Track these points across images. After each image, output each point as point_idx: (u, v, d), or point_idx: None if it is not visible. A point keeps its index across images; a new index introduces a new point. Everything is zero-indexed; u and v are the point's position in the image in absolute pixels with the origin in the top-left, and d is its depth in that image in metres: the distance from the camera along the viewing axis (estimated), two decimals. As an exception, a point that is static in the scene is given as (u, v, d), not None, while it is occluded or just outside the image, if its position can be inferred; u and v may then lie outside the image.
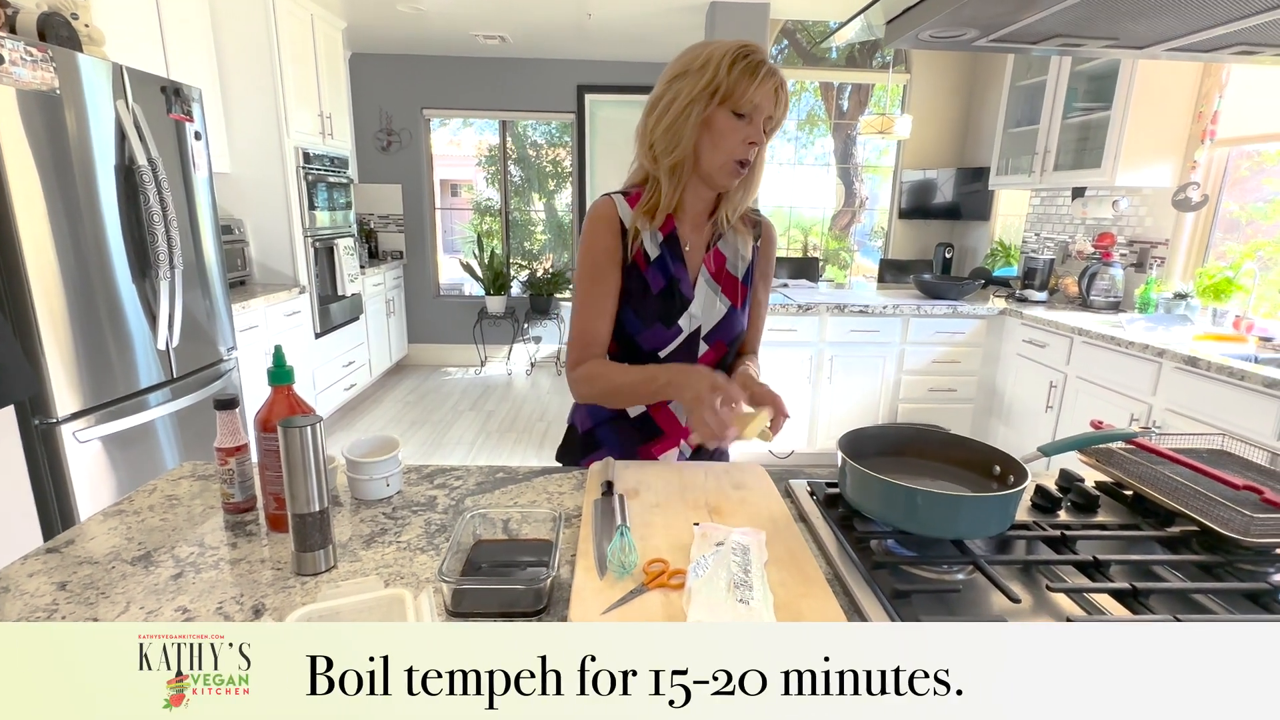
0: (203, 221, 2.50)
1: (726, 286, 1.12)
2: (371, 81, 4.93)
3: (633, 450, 1.15)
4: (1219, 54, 0.76)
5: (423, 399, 4.56)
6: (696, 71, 0.98)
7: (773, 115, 1.00)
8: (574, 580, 0.73)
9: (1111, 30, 0.69)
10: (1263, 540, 0.77)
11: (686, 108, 0.98)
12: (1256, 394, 1.96)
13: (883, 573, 0.75)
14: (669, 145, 1.01)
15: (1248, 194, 2.88)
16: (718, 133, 0.99)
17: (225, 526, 0.87)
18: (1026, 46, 0.77)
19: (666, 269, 1.08)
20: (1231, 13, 0.61)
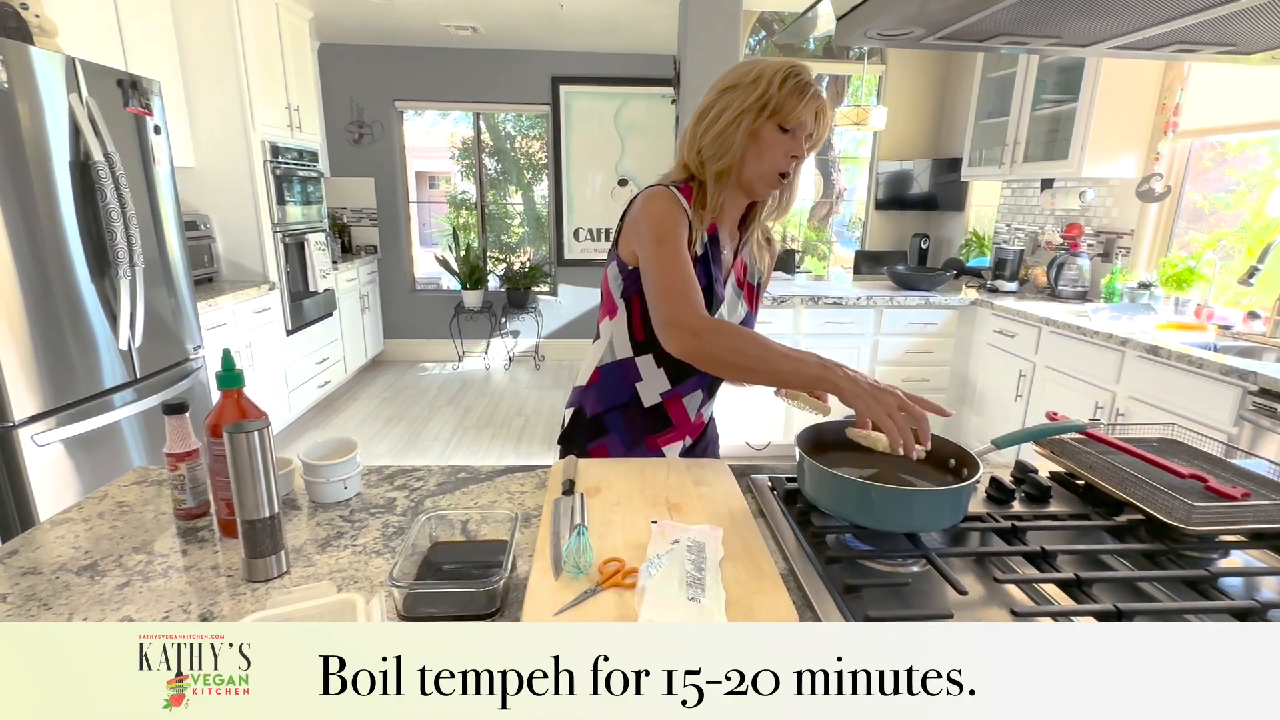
0: (165, 217, 2.44)
1: (746, 293, 1.19)
2: (341, 73, 4.84)
3: (639, 440, 1.17)
4: (1160, 52, 0.78)
5: (399, 395, 4.52)
6: (748, 85, 1.03)
7: (813, 134, 1.05)
8: (529, 581, 0.73)
9: (1055, 29, 0.70)
10: (1204, 528, 0.79)
11: (737, 118, 1.04)
12: (1214, 381, 2.01)
13: (836, 567, 0.76)
14: (718, 152, 1.06)
15: (1210, 184, 2.94)
16: (764, 144, 1.04)
17: (177, 533, 0.85)
18: (973, 44, 0.77)
19: (708, 268, 1.12)
20: (1167, 12, 0.62)
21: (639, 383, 1.15)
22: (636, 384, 1.15)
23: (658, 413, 1.16)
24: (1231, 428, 1.96)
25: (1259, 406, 1.87)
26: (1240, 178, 2.82)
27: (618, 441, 1.18)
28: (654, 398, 1.15)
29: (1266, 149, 2.69)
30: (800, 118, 1.02)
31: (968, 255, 4.07)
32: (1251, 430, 1.91)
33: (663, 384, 1.14)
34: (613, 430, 1.18)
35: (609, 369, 1.17)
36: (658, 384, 1.14)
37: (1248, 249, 2.64)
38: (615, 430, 1.17)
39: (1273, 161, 2.69)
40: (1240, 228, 2.77)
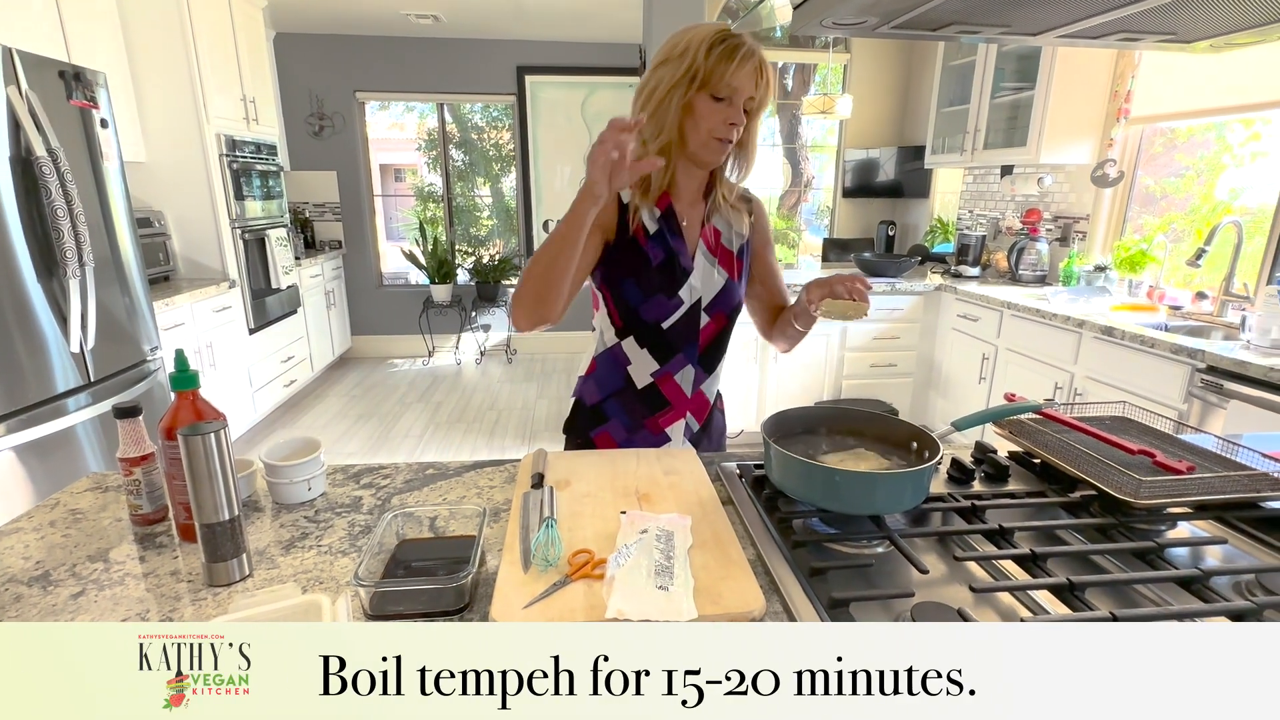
0: (116, 214, 2.36)
1: (723, 260, 1.16)
2: (299, 63, 4.72)
3: (640, 422, 1.19)
4: (1106, 40, 0.80)
5: (368, 392, 4.45)
6: (677, 59, 1.02)
7: (755, 95, 1.03)
8: (498, 575, 0.72)
9: (1003, 18, 0.71)
10: (1152, 501, 0.82)
11: (668, 93, 1.03)
12: (1165, 360, 2.08)
13: (802, 551, 0.78)
14: (655, 130, 1.06)
15: (1161, 169, 3.03)
16: (699, 116, 1.03)
17: (134, 540, 0.83)
18: (927, 34, 0.79)
19: (665, 242, 1.12)
20: (1107, 2, 0.63)
21: (629, 366, 1.17)
22: (628, 367, 1.18)
23: (652, 393, 1.18)
24: (1182, 404, 2.03)
25: (1206, 383, 1.95)
26: (1189, 163, 2.92)
27: (619, 426, 1.20)
28: (646, 378, 1.17)
29: (1213, 135, 2.78)
30: (732, 84, 1.00)
31: (933, 241, 4.14)
32: (1200, 406, 1.98)
33: (650, 364, 1.16)
34: (613, 416, 1.20)
35: (603, 357, 1.21)
36: (646, 364, 1.16)
37: (1197, 231, 2.74)
38: (615, 416, 1.20)
39: (1219, 147, 2.79)
40: (1190, 211, 2.86)
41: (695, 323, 1.15)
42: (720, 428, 1.30)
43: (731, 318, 1.19)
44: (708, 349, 1.18)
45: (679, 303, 1.13)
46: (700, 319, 1.15)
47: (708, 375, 1.20)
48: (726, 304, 1.16)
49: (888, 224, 4.49)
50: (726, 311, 1.17)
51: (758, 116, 1.07)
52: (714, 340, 1.18)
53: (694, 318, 1.15)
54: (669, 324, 1.14)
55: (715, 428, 1.27)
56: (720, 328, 1.18)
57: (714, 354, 1.19)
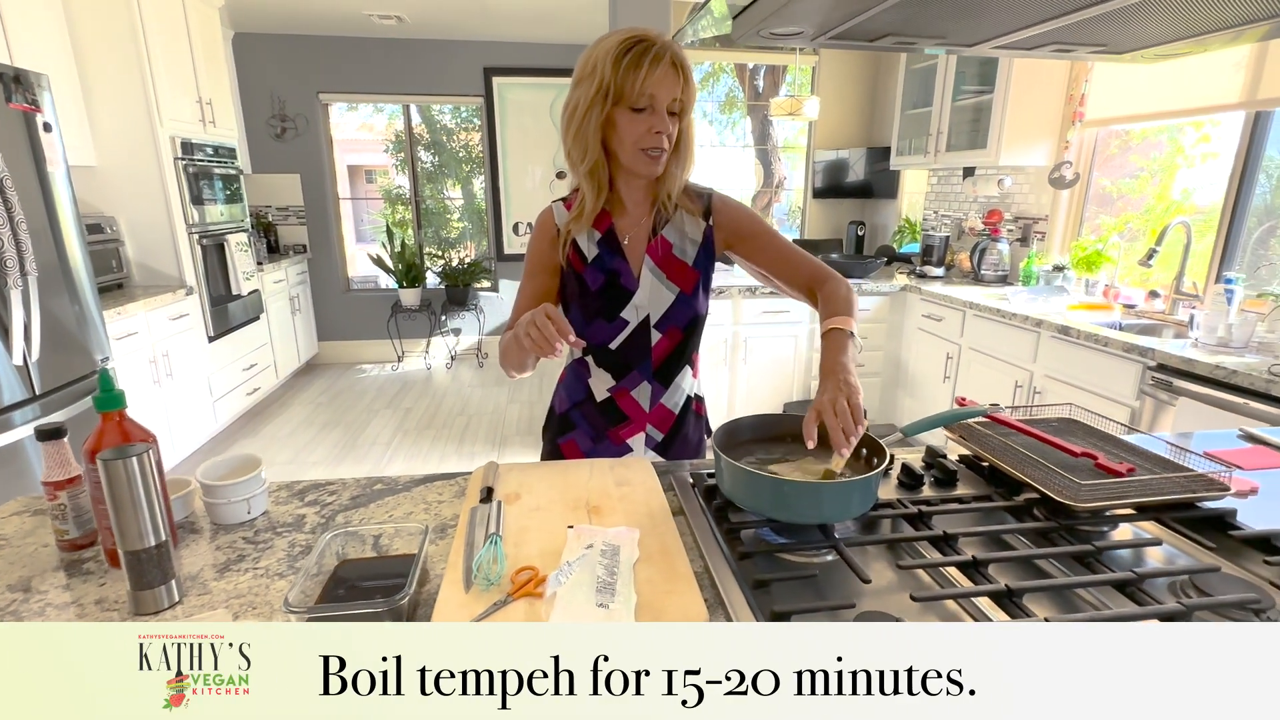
0: (63, 221, 2.28)
1: (673, 273, 1.12)
2: (259, 64, 4.62)
3: (603, 433, 1.19)
4: (1040, 51, 0.81)
5: (335, 399, 4.37)
6: (589, 77, 1.00)
7: (678, 96, 0.99)
8: (438, 595, 0.71)
9: (938, 30, 0.72)
10: (1093, 504, 0.83)
11: (585, 115, 1.00)
12: (1118, 358, 2.13)
13: (749, 562, 0.77)
14: (580, 153, 1.04)
15: (1117, 171, 3.11)
16: (622, 131, 1.01)
17: (60, 566, 0.80)
18: (864, 44, 0.79)
19: (605, 265, 1.10)
20: (1029, 17, 0.64)
21: (590, 379, 1.18)
22: (589, 380, 1.18)
23: (610, 406, 1.18)
24: (1134, 401, 2.08)
25: (1157, 381, 2.00)
26: (1143, 164, 3.00)
27: (584, 435, 1.20)
28: (604, 393, 1.17)
29: (1166, 137, 2.86)
30: (648, 92, 0.96)
31: (900, 242, 4.19)
32: (1153, 403, 2.04)
33: (607, 379, 1.17)
34: (579, 425, 1.20)
35: (571, 367, 1.22)
36: (603, 380, 1.17)
37: (1150, 231, 2.81)
38: (580, 425, 1.20)
39: (1172, 148, 2.87)
40: (1145, 211, 2.94)
41: (645, 341, 1.13)
42: (697, 435, 1.27)
43: (689, 331, 1.16)
44: (663, 365, 1.16)
45: (622, 324, 1.11)
46: (650, 337, 1.13)
47: (666, 389, 1.18)
48: (680, 319, 1.13)
49: (857, 224, 4.53)
50: (681, 326, 1.14)
51: (687, 114, 1.03)
52: (669, 356, 1.15)
53: (643, 336, 1.13)
54: (616, 345, 1.13)
55: (690, 435, 1.24)
56: (676, 343, 1.15)
57: (671, 368, 1.17)
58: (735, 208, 1.17)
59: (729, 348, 3.29)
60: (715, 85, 6.22)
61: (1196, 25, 0.70)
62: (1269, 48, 2.19)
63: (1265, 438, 1.18)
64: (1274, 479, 1.02)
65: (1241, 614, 0.68)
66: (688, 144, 1.06)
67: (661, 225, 1.12)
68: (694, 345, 1.19)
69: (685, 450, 1.24)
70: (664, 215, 1.13)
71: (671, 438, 1.21)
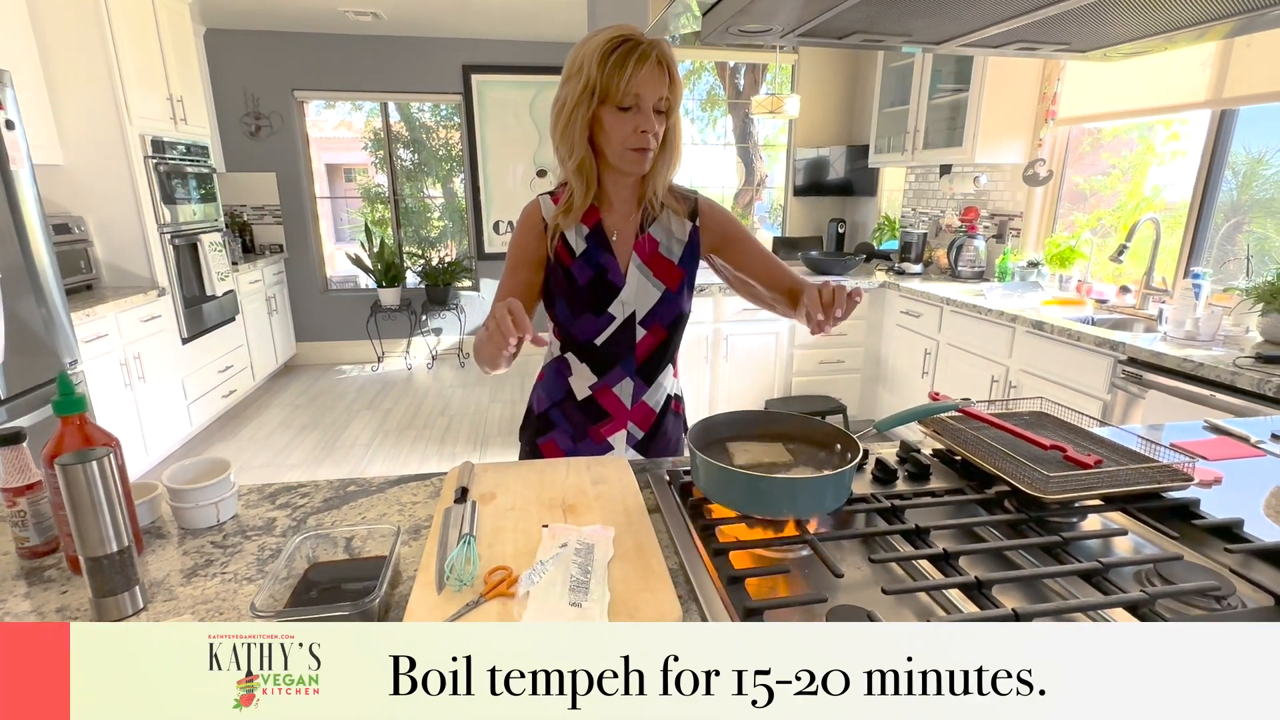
0: (28, 221, 2.23)
1: (660, 271, 1.12)
2: (232, 61, 4.54)
3: (583, 431, 1.18)
4: (1005, 49, 0.82)
5: (314, 401, 4.32)
6: (575, 75, 0.99)
7: (665, 95, 0.99)
8: (410, 597, 0.70)
9: (903, 28, 0.73)
10: (1061, 496, 0.85)
11: (572, 112, 1.00)
12: (1090, 352, 2.17)
13: (722, 558, 0.77)
14: (567, 150, 1.05)
15: (1089, 168, 3.16)
16: (608, 129, 1.01)
17: (20, 574, 0.78)
18: (833, 41, 0.80)
19: (593, 260, 1.10)
20: (991, 16, 0.65)
21: (570, 377, 1.17)
22: (569, 378, 1.17)
23: (592, 404, 1.17)
24: (1106, 394, 2.12)
25: (1127, 374, 2.04)
26: (1115, 161, 3.05)
27: (564, 435, 1.19)
28: (585, 390, 1.17)
29: (1137, 135, 2.91)
30: (634, 91, 0.97)
31: (880, 239, 4.23)
32: (1124, 396, 2.07)
33: (589, 376, 1.16)
34: (559, 425, 1.20)
35: (549, 366, 1.21)
36: (585, 377, 1.16)
37: (1122, 227, 2.86)
38: (560, 424, 1.19)
39: (1143, 146, 2.92)
40: (1117, 208, 2.99)
41: (630, 337, 1.13)
42: (676, 434, 1.27)
43: (673, 329, 1.16)
44: (646, 362, 1.16)
45: (609, 319, 1.12)
46: (635, 333, 1.13)
47: (648, 386, 1.18)
48: (665, 316, 1.14)
49: (838, 221, 4.57)
50: (665, 324, 1.14)
51: (674, 113, 1.03)
52: (653, 353, 1.16)
53: (628, 332, 1.13)
54: (602, 340, 1.13)
55: (669, 434, 1.25)
56: (659, 340, 1.15)
57: (654, 366, 1.17)
58: (722, 212, 1.19)
59: (710, 345, 3.30)
60: (696, 83, 6.23)
61: (1159, 24, 0.71)
62: (1234, 47, 2.24)
63: (1229, 429, 1.21)
64: (1237, 469, 1.05)
65: (1203, 601, 0.70)
66: (674, 142, 1.06)
67: (649, 223, 1.13)
68: (676, 343, 1.20)
69: (665, 448, 1.24)
70: (651, 213, 1.13)
71: (652, 436, 1.21)
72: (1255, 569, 0.76)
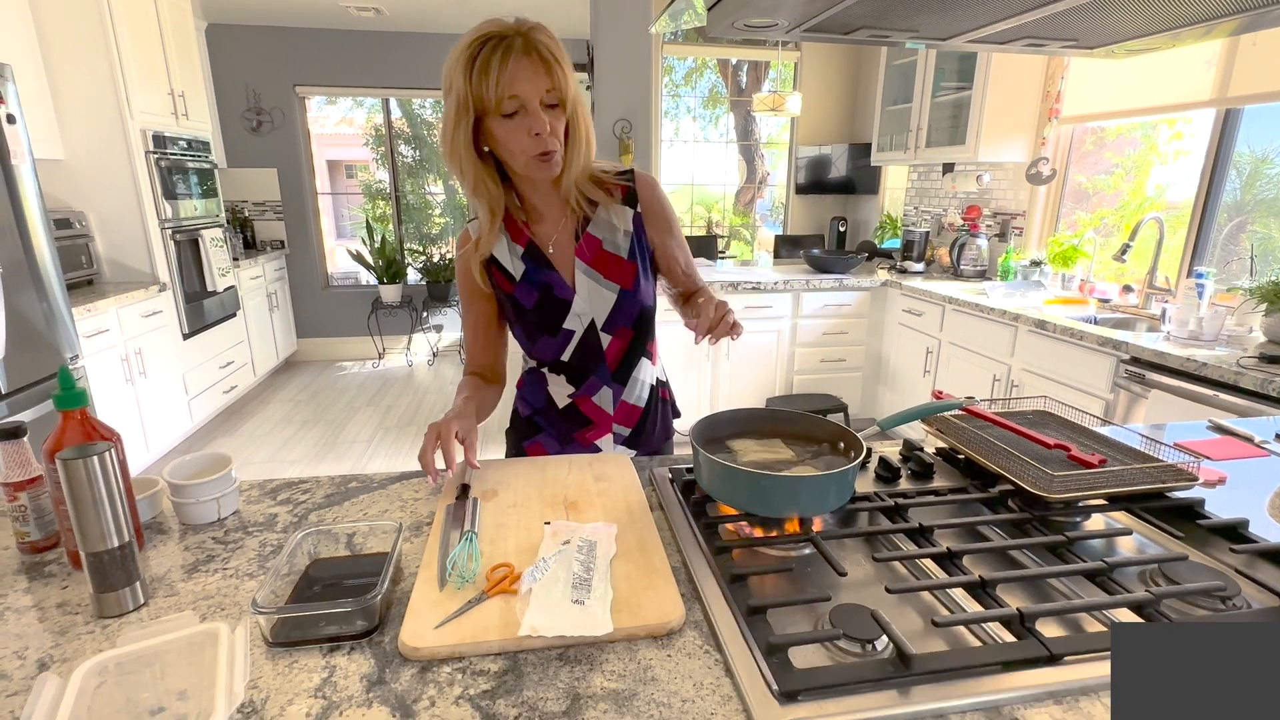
0: (30, 215, 2.22)
1: (609, 270, 1.06)
2: (234, 56, 4.53)
3: (569, 435, 1.16)
4: (1012, 45, 0.82)
5: (315, 397, 4.32)
6: (448, 91, 0.91)
7: (551, 86, 0.88)
8: (412, 594, 0.70)
9: (910, 23, 0.72)
10: (1065, 495, 0.84)
11: (454, 132, 0.92)
12: (1093, 352, 2.17)
13: (725, 557, 0.77)
14: (458, 172, 0.96)
15: (1092, 167, 3.15)
16: (500, 141, 0.92)
17: (21, 569, 0.77)
18: (839, 37, 0.79)
19: (535, 280, 1.05)
20: (1002, 11, 0.65)
21: (549, 386, 1.15)
22: (548, 388, 1.15)
23: (574, 412, 1.15)
24: (1108, 394, 2.12)
25: (1130, 374, 2.03)
26: (1118, 160, 3.04)
27: (551, 438, 1.17)
28: (565, 399, 1.14)
29: (1140, 133, 2.90)
30: (510, 94, 0.86)
31: (882, 237, 4.22)
32: (1126, 396, 2.07)
33: (566, 387, 1.14)
34: (545, 429, 1.18)
35: (527, 375, 1.19)
36: (562, 388, 1.14)
37: (1125, 226, 2.85)
38: (546, 429, 1.18)
39: (1147, 145, 2.91)
40: (1120, 207, 2.99)
41: (596, 347, 1.09)
42: (665, 422, 1.23)
43: (639, 328, 1.11)
44: (620, 367, 1.12)
45: (568, 335, 1.07)
46: (600, 341, 1.09)
47: (625, 388, 1.14)
48: (627, 316, 1.08)
49: (839, 220, 4.56)
50: (630, 324, 1.09)
51: (571, 103, 0.92)
52: (625, 356, 1.12)
53: (592, 342, 1.09)
54: (567, 356, 1.09)
55: (658, 424, 1.21)
56: (627, 342, 1.11)
57: (628, 368, 1.13)
58: (661, 197, 1.10)
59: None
60: (699, 81, 6.22)
61: (1166, 20, 0.71)
62: (1239, 46, 2.23)
63: (1233, 429, 1.20)
64: (1241, 469, 1.05)
65: (1208, 601, 0.70)
66: (579, 133, 0.95)
67: (586, 223, 1.05)
68: (648, 337, 1.15)
69: (654, 440, 1.21)
70: (584, 212, 1.05)
71: (639, 431, 1.18)
72: (1260, 569, 0.76)
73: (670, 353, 3.17)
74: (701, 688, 0.58)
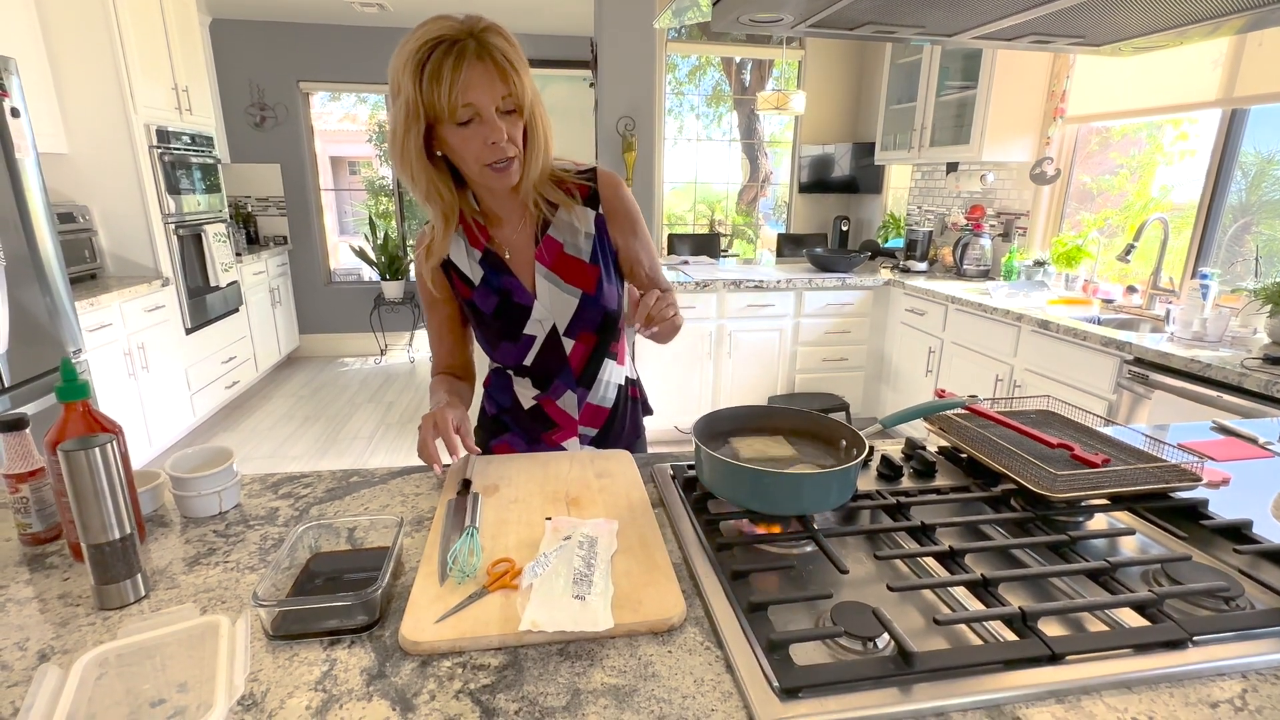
0: (33, 209, 2.23)
1: (570, 274, 1.02)
2: (238, 51, 4.53)
3: (536, 436, 1.15)
4: (1019, 42, 0.81)
5: (317, 393, 4.32)
6: (395, 98, 0.86)
7: (509, 93, 0.84)
8: (413, 588, 0.70)
9: (917, 19, 0.72)
10: (1068, 494, 0.84)
11: (404, 139, 0.87)
12: (1096, 352, 2.16)
13: (727, 553, 0.77)
14: (408, 179, 0.92)
15: (1097, 167, 3.14)
16: (455, 149, 0.88)
17: (22, 561, 0.78)
18: (845, 32, 0.79)
19: (493, 285, 1.03)
20: (1017, 3, 0.64)
21: (515, 387, 1.14)
22: (513, 388, 1.14)
23: (539, 414, 1.14)
24: (1111, 394, 2.11)
25: (1134, 374, 2.03)
26: (1123, 161, 3.03)
27: (517, 438, 1.17)
28: (530, 400, 1.13)
29: (1145, 133, 2.89)
30: (464, 101, 0.81)
31: (885, 236, 4.21)
32: (1130, 396, 2.06)
33: (530, 389, 1.13)
34: (512, 429, 1.17)
35: (493, 374, 1.18)
36: (527, 389, 1.13)
37: (1129, 227, 2.84)
38: (513, 429, 1.17)
39: (1151, 146, 2.90)
40: (1124, 207, 2.98)
41: (559, 352, 1.07)
42: (634, 421, 1.20)
43: (603, 332, 1.07)
44: (584, 371, 1.10)
45: (529, 340, 1.05)
46: (563, 345, 1.07)
47: (589, 390, 1.12)
48: (590, 321, 1.05)
49: (842, 219, 4.55)
50: (594, 328, 1.06)
51: (527, 108, 0.88)
52: (589, 360, 1.09)
53: (555, 347, 1.06)
54: (529, 361, 1.08)
55: (625, 425, 1.18)
56: (591, 346, 1.08)
57: (593, 372, 1.11)
58: (626, 198, 1.05)
59: (714, 341, 3.29)
60: (702, 79, 6.21)
61: (1173, 17, 0.70)
62: (1245, 46, 2.22)
63: (1237, 429, 1.20)
64: (1245, 470, 1.04)
65: (1211, 601, 0.69)
66: (537, 137, 0.91)
67: (546, 226, 1.01)
68: (613, 339, 1.12)
69: (622, 439, 1.19)
70: (544, 215, 1.01)
71: (606, 432, 1.16)
72: (1264, 570, 0.76)
73: (672, 351, 3.17)
74: (702, 684, 0.58)
